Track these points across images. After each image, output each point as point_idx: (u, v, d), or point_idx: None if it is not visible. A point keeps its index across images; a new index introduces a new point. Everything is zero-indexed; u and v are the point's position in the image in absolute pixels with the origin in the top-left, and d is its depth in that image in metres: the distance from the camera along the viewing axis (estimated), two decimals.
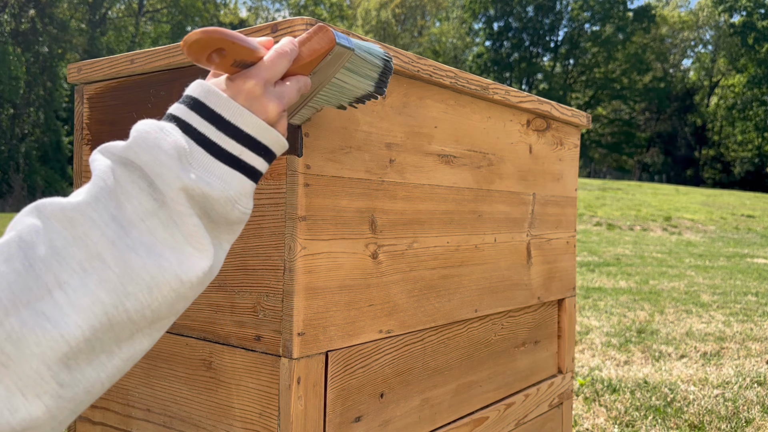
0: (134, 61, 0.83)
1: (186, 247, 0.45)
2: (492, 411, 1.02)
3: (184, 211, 0.45)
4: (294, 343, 0.67)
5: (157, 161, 0.44)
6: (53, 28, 19.66)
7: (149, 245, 0.43)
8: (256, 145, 0.50)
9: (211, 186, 0.47)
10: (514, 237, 1.07)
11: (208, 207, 0.47)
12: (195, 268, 0.45)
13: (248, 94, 0.50)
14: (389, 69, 0.62)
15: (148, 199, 0.44)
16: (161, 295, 0.43)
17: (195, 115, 0.48)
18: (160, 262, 0.43)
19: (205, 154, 0.48)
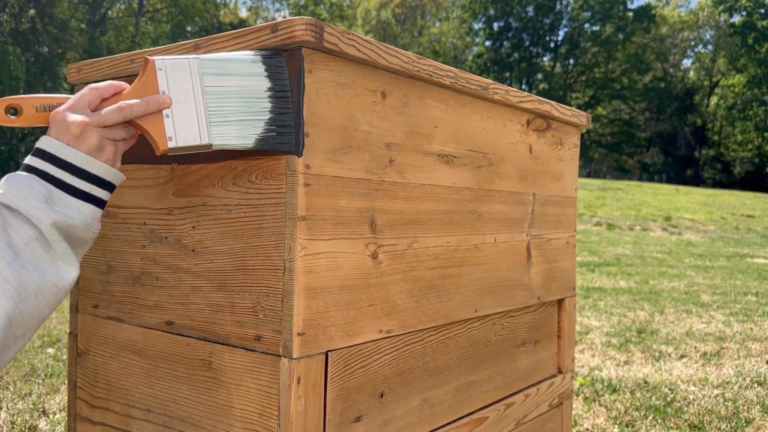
0: (134, 61, 0.83)
1: (59, 263, 0.63)
2: (492, 411, 1.02)
3: (55, 239, 0.62)
4: (294, 343, 0.67)
5: (29, 205, 0.61)
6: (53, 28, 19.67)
7: (34, 263, 0.61)
8: (101, 182, 0.66)
9: (73, 218, 0.64)
10: (514, 237, 1.07)
11: (71, 233, 0.64)
12: (67, 278, 0.63)
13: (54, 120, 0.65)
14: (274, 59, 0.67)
15: (29, 228, 0.61)
16: (44, 299, 0.61)
17: (50, 165, 0.63)
18: (43, 275, 0.61)
19: (64, 194, 0.63)
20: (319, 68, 0.69)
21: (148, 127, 0.65)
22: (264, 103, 0.67)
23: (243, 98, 0.67)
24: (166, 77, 0.65)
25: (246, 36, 0.70)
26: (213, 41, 0.74)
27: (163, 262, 0.80)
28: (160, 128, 0.65)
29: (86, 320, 0.90)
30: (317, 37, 0.67)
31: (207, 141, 0.66)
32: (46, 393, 2.07)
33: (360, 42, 0.73)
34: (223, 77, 0.66)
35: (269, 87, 0.67)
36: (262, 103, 0.67)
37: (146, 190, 0.83)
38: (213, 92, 0.66)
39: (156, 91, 0.65)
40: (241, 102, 0.66)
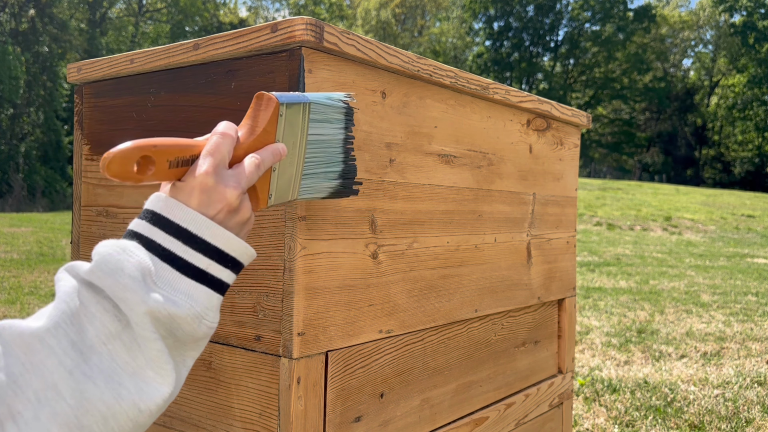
0: (134, 60, 0.83)
1: (147, 372, 0.44)
2: (492, 411, 1.02)
3: (148, 336, 0.44)
4: (294, 343, 0.67)
5: (120, 285, 0.43)
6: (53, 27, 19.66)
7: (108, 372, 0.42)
8: (224, 257, 0.49)
9: (177, 305, 0.46)
10: (514, 237, 1.07)
11: (174, 327, 0.46)
12: (154, 396, 0.44)
13: (201, 187, 0.49)
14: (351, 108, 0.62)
15: (112, 320, 0.44)
16: (117, 425, 0.42)
17: (158, 231, 0.47)
18: (118, 390, 0.42)
19: (171, 270, 0.47)
20: (319, 68, 0.69)
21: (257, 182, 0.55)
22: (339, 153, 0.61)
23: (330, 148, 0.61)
24: (284, 124, 0.56)
25: (246, 36, 0.70)
26: (213, 41, 0.74)
27: None
28: (266, 184, 0.56)
29: None
30: (317, 36, 0.67)
31: (295, 196, 0.59)
32: None
33: (360, 42, 0.73)
34: (322, 125, 0.59)
35: (345, 137, 0.62)
36: (338, 153, 0.62)
37: (146, 190, 0.83)
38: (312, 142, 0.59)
39: (273, 139, 0.55)
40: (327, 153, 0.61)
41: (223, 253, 0.49)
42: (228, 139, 0.52)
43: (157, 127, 0.82)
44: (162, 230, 0.47)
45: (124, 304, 0.44)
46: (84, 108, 0.92)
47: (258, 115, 0.55)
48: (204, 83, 0.76)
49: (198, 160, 0.50)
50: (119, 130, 0.87)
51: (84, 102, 0.92)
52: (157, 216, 0.48)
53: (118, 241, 0.46)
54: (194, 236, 0.48)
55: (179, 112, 0.79)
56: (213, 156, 0.50)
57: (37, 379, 0.40)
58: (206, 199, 0.49)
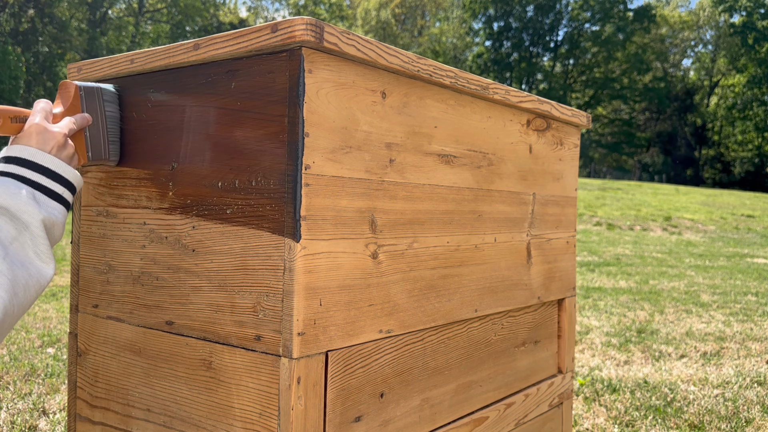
0: (134, 61, 0.83)
1: (38, 262, 0.69)
2: (492, 411, 1.02)
3: (41, 235, 0.69)
4: (294, 343, 0.67)
5: (21, 203, 0.68)
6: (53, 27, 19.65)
7: (20, 260, 0.66)
8: (69, 185, 0.74)
9: (56, 216, 0.71)
10: (514, 237, 1.07)
11: (51, 231, 0.71)
12: (47, 274, 0.70)
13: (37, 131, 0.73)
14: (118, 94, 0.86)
15: (11, 228, 0.67)
16: (30, 294, 0.67)
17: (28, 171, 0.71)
18: (28, 270, 0.67)
19: (43, 196, 0.71)
20: (319, 68, 0.69)
21: (76, 141, 0.79)
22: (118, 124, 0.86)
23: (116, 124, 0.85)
24: (84, 101, 0.80)
25: (246, 36, 0.70)
26: (213, 41, 0.74)
27: (163, 262, 0.80)
28: (82, 143, 0.80)
29: (86, 320, 0.90)
30: (317, 36, 0.67)
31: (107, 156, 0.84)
32: (46, 393, 2.07)
33: (360, 42, 0.73)
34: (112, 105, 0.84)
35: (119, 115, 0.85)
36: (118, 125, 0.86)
37: (146, 190, 0.83)
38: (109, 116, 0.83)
39: (80, 111, 0.80)
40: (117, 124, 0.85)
41: (70, 183, 0.74)
42: (47, 104, 0.76)
43: (158, 127, 0.82)
44: (30, 170, 0.71)
45: (26, 214, 0.68)
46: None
47: (64, 95, 0.80)
48: (204, 83, 0.76)
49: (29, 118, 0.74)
50: (120, 130, 0.87)
51: None
52: (26, 161, 0.71)
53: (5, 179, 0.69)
54: (54, 173, 0.72)
55: (179, 112, 0.79)
56: (39, 112, 0.75)
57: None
58: (42, 139, 0.72)
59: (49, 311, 3.45)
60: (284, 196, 0.68)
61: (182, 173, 0.79)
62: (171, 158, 0.80)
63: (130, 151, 0.85)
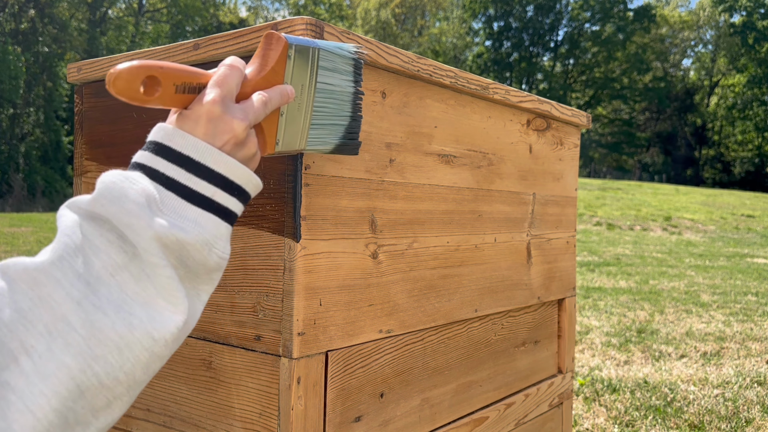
0: (134, 60, 0.83)
1: (158, 301, 0.43)
2: (492, 411, 1.02)
3: (157, 262, 0.43)
4: (294, 343, 0.67)
5: (124, 211, 0.43)
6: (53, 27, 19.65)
7: (118, 302, 0.42)
8: (229, 185, 0.48)
9: (185, 230, 0.45)
10: (514, 237, 1.07)
11: (184, 255, 0.45)
12: (168, 325, 0.43)
13: (208, 116, 0.48)
14: (361, 61, 0.61)
15: (118, 251, 0.43)
16: (133, 356, 0.41)
17: (161, 160, 0.46)
18: (129, 320, 0.41)
19: (176, 198, 0.46)
20: None
21: (264, 123, 0.54)
22: (347, 106, 0.61)
23: (339, 100, 0.60)
24: (292, 66, 0.55)
25: (246, 36, 0.70)
26: (213, 41, 0.74)
27: None
28: (273, 127, 0.55)
29: None
30: (317, 36, 0.67)
31: (302, 146, 0.59)
32: None
33: (360, 41, 0.73)
34: (332, 74, 0.58)
35: (354, 91, 0.61)
36: (347, 107, 0.61)
37: None
38: (321, 90, 0.58)
39: (282, 80, 0.55)
40: (336, 104, 0.60)
41: (228, 180, 0.48)
42: (236, 71, 0.51)
43: None
44: (164, 159, 0.46)
45: (130, 230, 0.43)
46: (84, 108, 0.92)
47: (267, 54, 0.54)
48: None
49: (205, 89, 0.49)
50: (119, 130, 0.87)
51: (84, 102, 0.92)
52: (158, 145, 0.47)
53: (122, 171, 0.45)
54: (197, 163, 0.47)
55: None
56: (221, 86, 0.49)
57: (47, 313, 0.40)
58: (212, 129, 0.48)
59: None
60: (284, 196, 0.68)
61: None
62: None
63: (131, 151, 0.85)
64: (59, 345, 0.39)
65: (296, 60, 0.55)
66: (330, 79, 0.58)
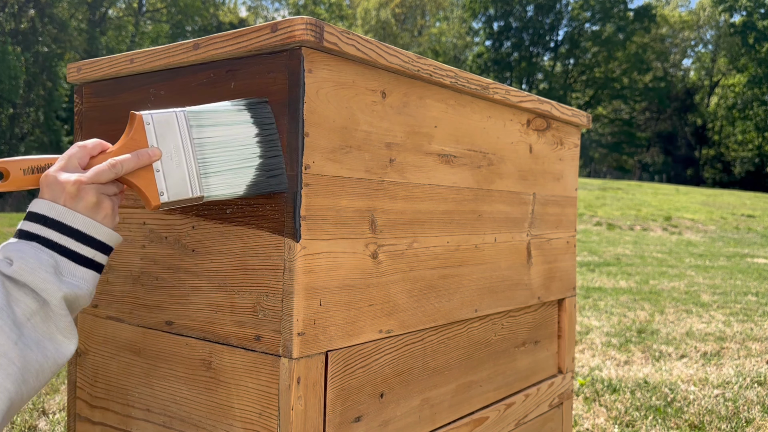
0: (134, 60, 0.83)
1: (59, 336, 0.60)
2: (492, 411, 1.02)
3: (62, 313, 0.60)
4: (294, 343, 0.67)
5: (40, 279, 0.59)
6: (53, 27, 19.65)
7: (36, 340, 0.58)
8: (104, 247, 0.64)
9: (80, 288, 0.61)
10: (514, 237, 1.07)
11: (75, 304, 0.62)
12: (66, 353, 0.61)
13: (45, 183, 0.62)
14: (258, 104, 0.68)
15: (31, 301, 0.59)
16: (44, 377, 0.59)
17: (54, 232, 0.61)
18: (45, 352, 0.59)
19: (69, 262, 0.61)
20: (319, 68, 0.69)
21: (139, 183, 0.64)
22: (252, 149, 0.67)
23: (231, 147, 0.66)
24: (154, 131, 0.64)
25: (246, 36, 0.70)
26: (212, 41, 0.74)
27: (162, 262, 0.80)
28: (151, 184, 0.64)
29: (86, 320, 0.90)
30: (317, 36, 0.67)
31: (198, 193, 0.65)
32: (46, 393, 2.07)
33: (360, 41, 0.73)
34: (210, 128, 0.66)
35: (257, 133, 0.67)
36: (251, 149, 0.66)
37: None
38: (202, 144, 0.65)
39: (145, 145, 0.64)
40: (229, 151, 0.66)
41: (104, 244, 0.64)
42: (81, 149, 0.64)
43: None
44: (57, 231, 0.61)
45: (44, 293, 0.59)
46: (84, 108, 0.92)
47: (127, 129, 0.65)
48: (204, 83, 0.76)
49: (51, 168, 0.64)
50: (119, 130, 0.87)
51: (84, 102, 0.92)
52: (50, 220, 0.61)
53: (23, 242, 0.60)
54: (84, 234, 0.62)
55: None
56: (61, 160, 0.64)
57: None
58: (50, 192, 0.62)
59: None
60: (284, 196, 0.68)
61: None
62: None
63: None
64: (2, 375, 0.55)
65: (156, 127, 0.64)
66: (211, 132, 0.66)
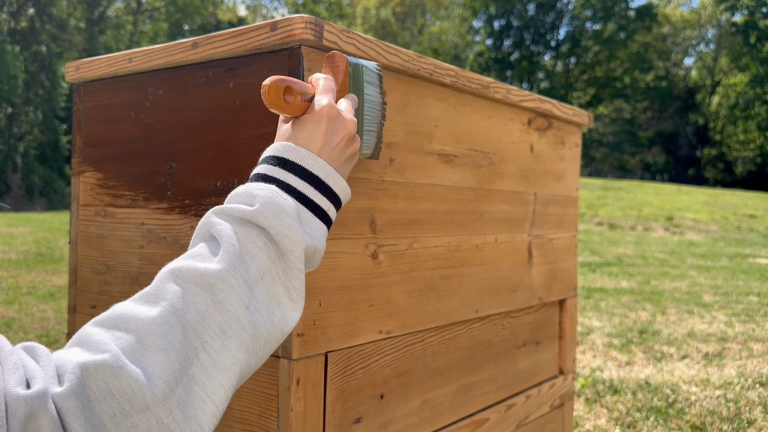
0: (133, 59, 0.82)
1: (285, 300, 0.51)
2: (493, 412, 1.02)
3: (300, 267, 0.52)
4: (293, 344, 0.67)
5: (284, 224, 0.51)
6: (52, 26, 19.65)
7: (266, 303, 0.50)
8: (337, 201, 0.58)
9: (319, 241, 0.54)
10: (515, 237, 1.06)
11: (311, 260, 0.55)
12: (291, 321, 0.52)
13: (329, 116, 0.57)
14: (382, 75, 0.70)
15: (265, 257, 0.50)
16: (270, 348, 0.50)
17: (293, 177, 0.54)
18: (272, 319, 0.50)
19: (308, 213, 0.54)
20: (319, 67, 0.69)
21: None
22: (380, 114, 0.70)
23: (376, 109, 0.69)
24: (350, 81, 0.66)
25: (245, 34, 0.70)
26: (211, 40, 0.73)
27: (161, 263, 0.80)
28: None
29: (84, 321, 0.90)
30: (317, 35, 0.66)
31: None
32: None
33: (360, 40, 0.72)
34: (370, 86, 0.68)
35: (383, 100, 0.70)
36: (380, 114, 0.70)
37: (144, 190, 0.83)
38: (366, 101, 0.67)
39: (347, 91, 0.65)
40: (375, 112, 0.69)
41: (338, 197, 0.58)
42: (331, 81, 0.61)
43: (156, 126, 0.81)
44: (296, 176, 0.54)
45: (287, 240, 0.51)
46: (82, 107, 0.91)
47: (334, 69, 0.64)
48: (203, 82, 0.76)
49: (316, 97, 0.59)
50: (117, 129, 0.86)
51: (82, 101, 0.91)
52: (291, 164, 0.55)
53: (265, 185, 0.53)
54: (323, 183, 0.56)
55: (178, 111, 0.78)
56: (329, 93, 0.59)
57: (220, 314, 0.47)
58: (332, 126, 0.57)
59: (47, 312, 3.45)
60: None
61: (180, 173, 0.78)
62: (169, 158, 0.80)
63: (129, 150, 0.84)
64: (234, 343, 0.47)
65: (353, 76, 0.65)
66: (370, 90, 0.67)
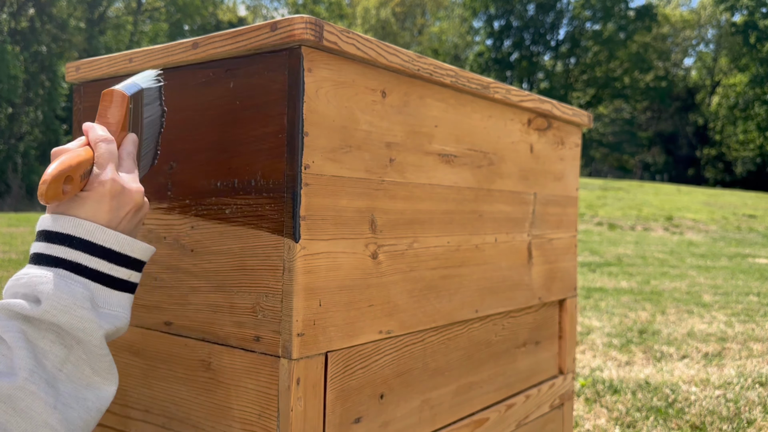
0: (133, 59, 0.83)
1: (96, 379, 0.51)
2: (493, 412, 1.02)
3: (101, 353, 0.51)
4: (293, 344, 0.67)
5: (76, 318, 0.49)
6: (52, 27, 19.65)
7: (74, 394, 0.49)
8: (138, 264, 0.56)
9: (119, 318, 0.53)
10: (515, 237, 1.07)
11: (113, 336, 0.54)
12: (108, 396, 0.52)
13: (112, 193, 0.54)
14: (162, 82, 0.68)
15: (60, 348, 0.49)
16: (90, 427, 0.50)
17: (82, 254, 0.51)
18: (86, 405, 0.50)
19: (105, 290, 0.52)
20: (319, 67, 0.69)
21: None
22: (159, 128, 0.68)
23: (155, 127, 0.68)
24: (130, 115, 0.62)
25: (245, 35, 0.70)
26: (212, 40, 0.73)
27: (161, 262, 0.80)
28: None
29: None
30: (317, 35, 0.66)
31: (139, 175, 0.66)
32: None
33: (360, 41, 0.72)
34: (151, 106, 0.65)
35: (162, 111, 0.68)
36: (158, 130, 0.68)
37: (144, 190, 0.83)
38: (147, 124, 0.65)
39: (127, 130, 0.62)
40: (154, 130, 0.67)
41: (138, 261, 0.56)
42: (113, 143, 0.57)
43: None
44: (86, 253, 0.51)
45: (82, 332, 0.49)
46: (83, 107, 0.91)
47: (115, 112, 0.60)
48: (203, 82, 0.76)
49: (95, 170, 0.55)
50: None
51: (83, 101, 0.91)
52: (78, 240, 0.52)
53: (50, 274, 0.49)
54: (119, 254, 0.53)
55: (178, 112, 0.78)
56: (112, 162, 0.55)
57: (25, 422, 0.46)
58: (116, 204, 0.54)
59: None
60: (283, 196, 0.68)
61: (181, 173, 0.78)
62: (169, 158, 0.80)
63: None
64: None
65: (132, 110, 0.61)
66: (150, 111, 0.65)
